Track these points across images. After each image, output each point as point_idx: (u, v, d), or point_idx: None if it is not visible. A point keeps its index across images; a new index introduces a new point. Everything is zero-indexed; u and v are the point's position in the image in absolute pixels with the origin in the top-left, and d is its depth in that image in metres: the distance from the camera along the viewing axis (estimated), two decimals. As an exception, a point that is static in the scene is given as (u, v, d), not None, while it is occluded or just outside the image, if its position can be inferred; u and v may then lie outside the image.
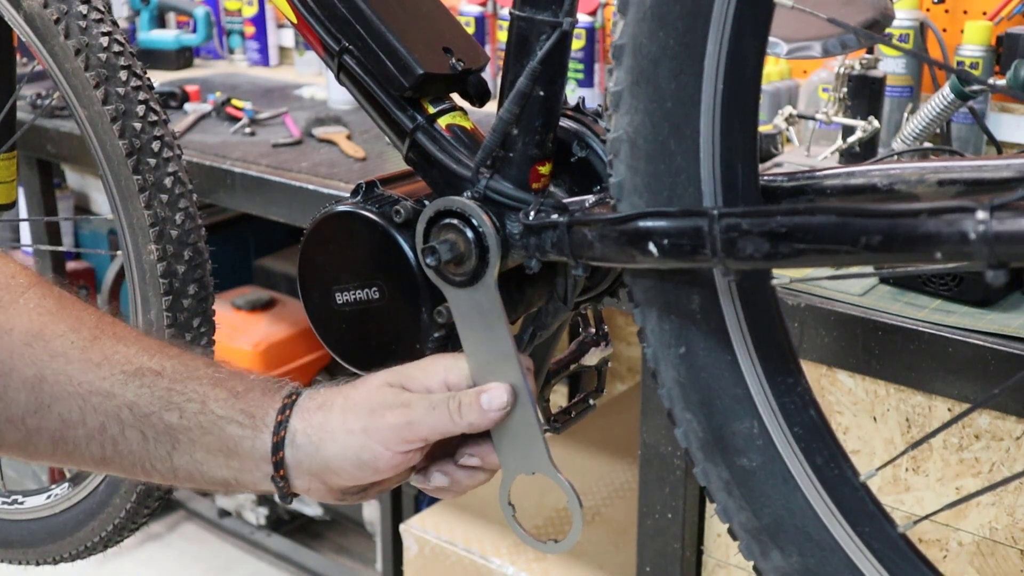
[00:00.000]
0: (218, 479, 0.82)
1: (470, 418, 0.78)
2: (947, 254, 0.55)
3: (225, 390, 0.81)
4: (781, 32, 1.38)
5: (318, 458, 0.79)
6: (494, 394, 0.79)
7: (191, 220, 1.25)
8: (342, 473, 0.79)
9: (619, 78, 0.70)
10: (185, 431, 0.80)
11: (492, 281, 0.79)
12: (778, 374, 0.72)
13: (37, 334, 0.80)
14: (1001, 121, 1.75)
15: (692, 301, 0.72)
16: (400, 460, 0.78)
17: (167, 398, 0.80)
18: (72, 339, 0.80)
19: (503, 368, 0.80)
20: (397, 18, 0.88)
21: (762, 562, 0.76)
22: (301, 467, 0.80)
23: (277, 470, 0.80)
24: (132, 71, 1.23)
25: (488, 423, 0.79)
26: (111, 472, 0.85)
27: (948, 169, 0.65)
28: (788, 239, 0.61)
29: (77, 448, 0.81)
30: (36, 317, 0.80)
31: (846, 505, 0.73)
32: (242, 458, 0.80)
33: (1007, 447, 1.18)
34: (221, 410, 0.80)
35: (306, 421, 0.80)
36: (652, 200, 0.70)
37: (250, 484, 0.82)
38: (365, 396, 0.79)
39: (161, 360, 0.82)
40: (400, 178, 0.91)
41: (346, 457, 0.78)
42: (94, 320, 0.83)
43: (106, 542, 1.43)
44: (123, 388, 0.80)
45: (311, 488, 0.81)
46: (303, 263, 0.91)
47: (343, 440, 0.78)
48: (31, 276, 0.83)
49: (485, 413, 0.78)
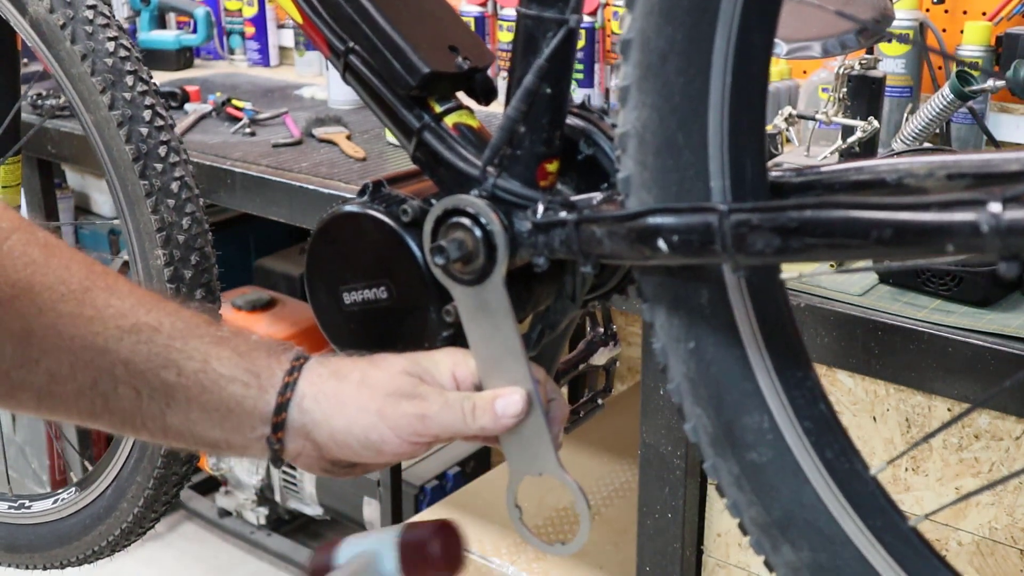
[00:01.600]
0: (209, 439, 0.80)
1: (482, 422, 0.78)
2: (959, 247, 0.55)
3: (229, 348, 0.79)
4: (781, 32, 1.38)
5: (325, 427, 0.78)
6: (509, 400, 0.78)
7: (198, 225, 1.25)
8: (344, 448, 0.78)
9: (627, 73, 0.70)
10: (183, 389, 0.78)
11: (500, 279, 0.79)
12: (788, 368, 0.72)
13: (24, 286, 0.76)
14: (1001, 121, 1.76)
15: (701, 296, 0.72)
16: (406, 450, 0.78)
17: (165, 355, 0.78)
18: (61, 291, 0.77)
19: (510, 367, 0.80)
20: (403, 17, 0.88)
21: (773, 557, 0.76)
22: (301, 432, 0.78)
23: (276, 431, 0.78)
24: (138, 76, 1.23)
25: (500, 429, 0.79)
26: (97, 427, 0.82)
27: (957, 163, 0.65)
28: (799, 234, 0.62)
29: (64, 403, 0.78)
30: (22, 267, 0.76)
31: (857, 499, 0.72)
32: (239, 418, 0.79)
33: (1007, 447, 1.19)
34: (224, 369, 0.78)
35: (316, 387, 0.79)
36: (660, 195, 0.70)
37: (239, 446, 0.80)
38: (384, 379, 0.78)
39: (159, 315, 0.79)
40: (407, 177, 0.92)
41: (353, 433, 0.77)
42: (84, 270, 0.79)
43: (113, 546, 1.44)
44: (117, 344, 0.77)
45: (302, 454, 0.80)
46: (310, 263, 0.91)
47: (355, 416, 0.77)
48: (13, 218, 0.79)
49: (498, 419, 0.78)
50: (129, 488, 1.39)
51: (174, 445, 0.82)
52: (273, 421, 0.78)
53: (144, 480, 1.38)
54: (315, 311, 0.92)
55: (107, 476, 1.44)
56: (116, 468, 1.43)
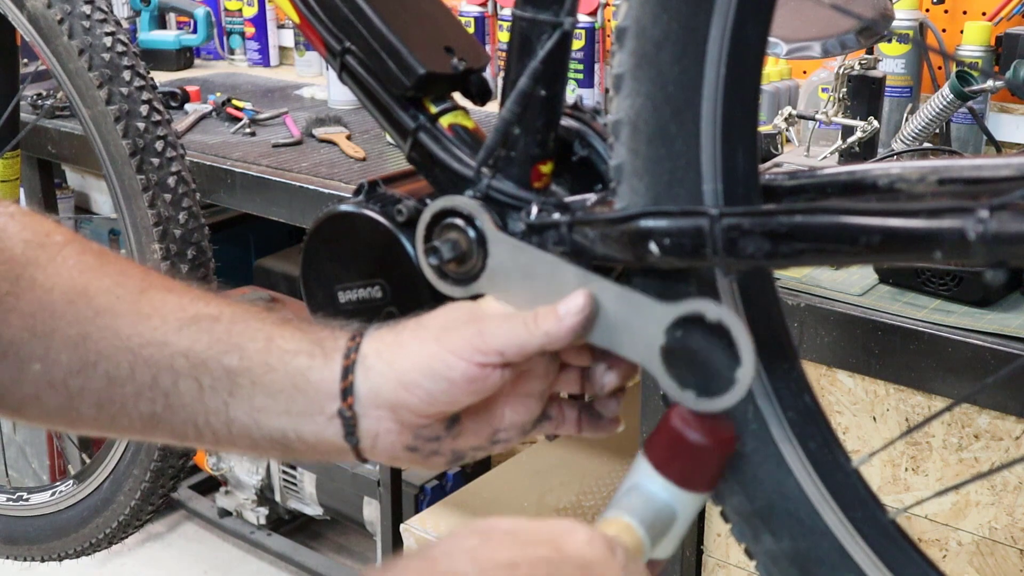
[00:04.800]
0: (276, 431, 0.76)
1: (546, 326, 0.72)
2: (946, 254, 0.55)
3: (291, 327, 0.77)
4: (781, 32, 1.38)
5: (391, 376, 0.73)
6: (570, 299, 0.72)
7: (194, 219, 1.25)
8: (413, 389, 0.73)
9: (621, 60, 0.70)
10: (246, 372, 0.75)
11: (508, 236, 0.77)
12: (774, 359, 0.73)
13: (80, 291, 0.75)
14: (1000, 121, 1.76)
15: (689, 285, 0.72)
16: (475, 372, 0.72)
17: (227, 339, 0.75)
18: (118, 293, 0.76)
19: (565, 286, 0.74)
20: (399, 18, 0.88)
21: (754, 545, 0.76)
22: (371, 398, 0.74)
23: (345, 398, 0.74)
24: (136, 71, 1.24)
25: (566, 330, 0.72)
26: (158, 437, 0.79)
27: (948, 168, 0.66)
28: (789, 239, 0.62)
29: (124, 408, 0.76)
30: (77, 274, 0.75)
31: (838, 490, 0.73)
32: (307, 397, 0.75)
33: (1007, 447, 1.19)
34: (288, 344, 0.75)
35: (378, 341, 0.75)
36: (652, 183, 0.70)
37: (311, 435, 0.76)
38: (439, 315, 0.75)
39: (219, 306, 0.77)
40: (402, 177, 0.92)
41: (418, 367, 0.72)
42: (140, 273, 0.78)
43: (110, 539, 1.44)
44: (177, 336, 0.75)
45: (380, 428, 0.75)
46: (306, 262, 0.91)
47: (416, 351, 0.73)
48: (67, 233, 0.79)
49: (561, 319, 0.72)
50: (126, 481, 1.40)
51: (239, 450, 0.78)
52: (341, 387, 0.74)
53: (141, 473, 1.39)
54: (311, 310, 0.92)
55: (104, 469, 1.44)
56: (113, 461, 1.43)
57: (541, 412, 0.79)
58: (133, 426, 0.77)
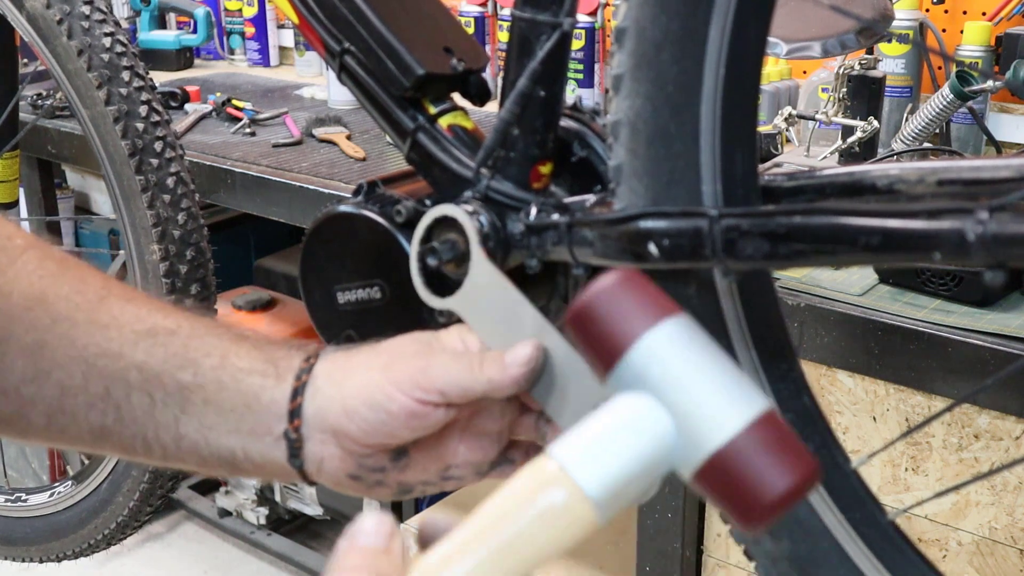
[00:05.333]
0: (225, 450, 0.74)
1: (490, 372, 0.70)
2: (946, 255, 0.55)
3: (249, 344, 0.75)
4: (781, 32, 1.38)
5: (337, 400, 0.72)
6: (519, 349, 0.70)
7: (193, 220, 1.25)
8: (354, 416, 0.71)
9: (621, 61, 0.70)
10: (198, 389, 0.73)
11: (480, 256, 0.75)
12: (773, 360, 0.73)
13: (38, 298, 0.73)
14: (1000, 121, 1.75)
15: (689, 287, 0.72)
16: (414, 409, 0.70)
17: (183, 355, 0.74)
18: (76, 301, 0.74)
19: (523, 327, 0.72)
20: (398, 18, 0.88)
21: (753, 547, 0.76)
22: (318, 421, 0.72)
23: (292, 420, 0.73)
24: (135, 72, 1.24)
25: (509, 381, 0.70)
26: (107, 450, 0.77)
27: (947, 169, 0.65)
28: (787, 240, 0.62)
29: (75, 419, 0.74)
30: (36, 280, 0.74)
31: (837, 491, 0.73)
32: (257, 416, 0.73)
33: (1007, 447, 1.19)
34: (243, 362, 0.74)
35: (331, 364, 0.74)
36: (651, 184, 0.70)
37: (258, 455, 0.74)
38: (393, 343, 0.74)
39: (177, 319, 0.76)
40: (402, 178, 0.92)
41: (360, 396, 0.71)
42: (100, 281, 0.76)
43: (109, 539, 1.44)
44: (133, 348, 0.73)
45: (325, 453, 0.73)
46: (305, 263, 0.91)
47: (361, 378, 0.72)
48: (28, 237, 0.77)
49: (505, 368, 0.70)
50: (125, 482, 1.40)
51: (187, 466, 0.77)
52: (289, 408, 0.73)
53: (139, 474, 1.39)
54: (309, 310, 0.92)
55: (103, 470, 1.44)
56: (112, 461, 1.43)
57: (499, 453, 0.77)
58: (82, 438, 0.76)
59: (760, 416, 0.54)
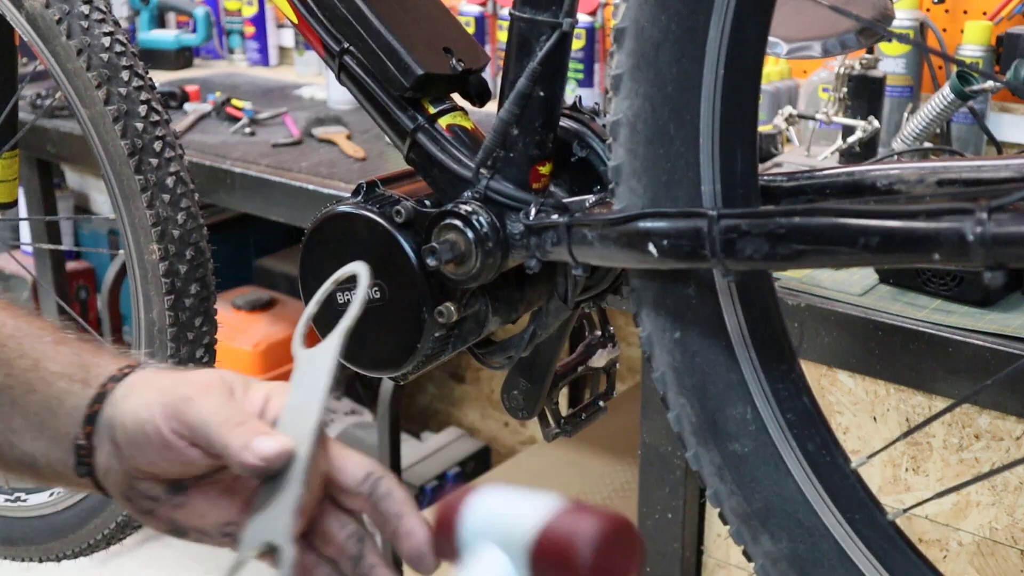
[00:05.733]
0: (27, 456, 0.71)
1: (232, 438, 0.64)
2: (945, 256, 0.55)
3: (69, 348, 0.72)
4: (781, 32, 1.38)
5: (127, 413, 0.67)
6: (269, 440, 0.63)
7: (193, 220, 1.25)
8: (122, 431, 0.67)
9: (620, 61, 0.70)
10: (8, 391, 0.70)
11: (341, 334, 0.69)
12: (772, 361, 0.73)
13: None
14: (1001, 121, 1.75)
15: (688, 287, 0.72)
16: (167, 439, 0.66)
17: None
18: None
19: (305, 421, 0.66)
20: (397, 19, 0.88)
21: (752, 547, 0.76)
22: (109, 428, 0.68)
23: (85, 426, 0.69)
24: (134, 71, 1.23)
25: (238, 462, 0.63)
26: None
27: (947, 169, 0.65)
28: (787, 240, 0.62)
29: None
30: None
31: (836, 492, 0.73)
32: (59, 421, 0.70)
33: (1007, 447, 1.18)
34: (56, 366, 0.71)
35: (143, 376, 0.70)
36: (650, 184, 0.70)
37: (58, 462, 0.70)
38: (206, 373, 0.69)
39: (2, 318, 0.73)
40: (401, 178, 0.92)
41: (133, 413, 0.67)
42: None
43: (109, 539, 1.43)
44: None
45: (109, 466, 0.69)
46: (304, 262, 0.91)
47: (148, 394, 0.67)
48: None
49: (245, 447, 0.63)
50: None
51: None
52: (86, 413, 0.69)
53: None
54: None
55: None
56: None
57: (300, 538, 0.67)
58: None
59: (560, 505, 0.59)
